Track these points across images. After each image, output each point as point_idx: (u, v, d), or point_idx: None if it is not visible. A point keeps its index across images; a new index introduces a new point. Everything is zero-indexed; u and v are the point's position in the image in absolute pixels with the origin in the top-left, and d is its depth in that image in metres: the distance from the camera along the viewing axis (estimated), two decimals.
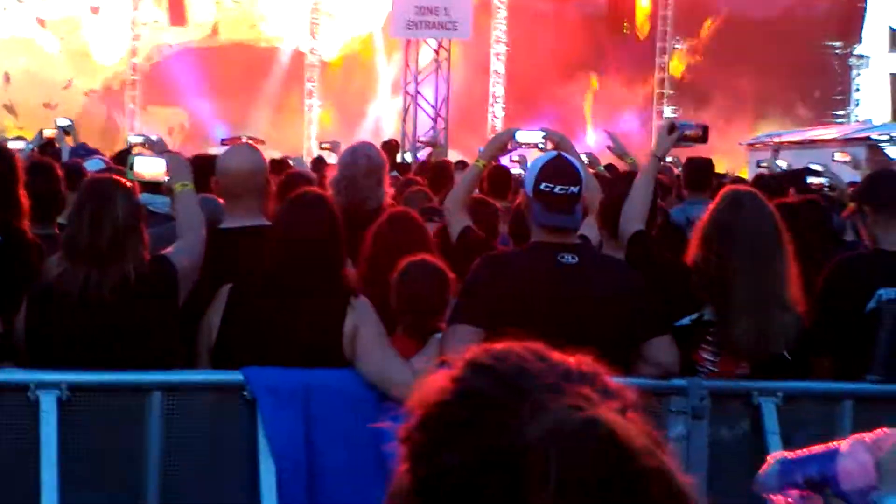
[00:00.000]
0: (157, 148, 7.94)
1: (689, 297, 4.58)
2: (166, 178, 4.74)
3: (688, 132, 5.34)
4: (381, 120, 30.13)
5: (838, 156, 11.32)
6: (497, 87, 31.13)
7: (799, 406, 4.65)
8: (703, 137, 5.41)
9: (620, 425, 1.25)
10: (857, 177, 9.49)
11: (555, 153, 4.68)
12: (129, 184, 4.49)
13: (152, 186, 5.42)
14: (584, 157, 8.49)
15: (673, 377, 4.50)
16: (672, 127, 5.37)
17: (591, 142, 27.04)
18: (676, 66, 29.87)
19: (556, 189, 4.39)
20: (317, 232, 4.46)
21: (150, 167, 4.76)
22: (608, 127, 19.19)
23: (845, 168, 10.87)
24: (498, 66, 31.07)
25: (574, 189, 4.41)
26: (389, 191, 6.43)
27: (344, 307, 4.39)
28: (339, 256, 4.54)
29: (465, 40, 25.92)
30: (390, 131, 24.71)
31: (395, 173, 10.19)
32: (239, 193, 4.95)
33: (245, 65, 30.33)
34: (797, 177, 8.88)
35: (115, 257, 4.26)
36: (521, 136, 5.82)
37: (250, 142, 8.68)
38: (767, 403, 4.52)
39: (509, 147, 6.03)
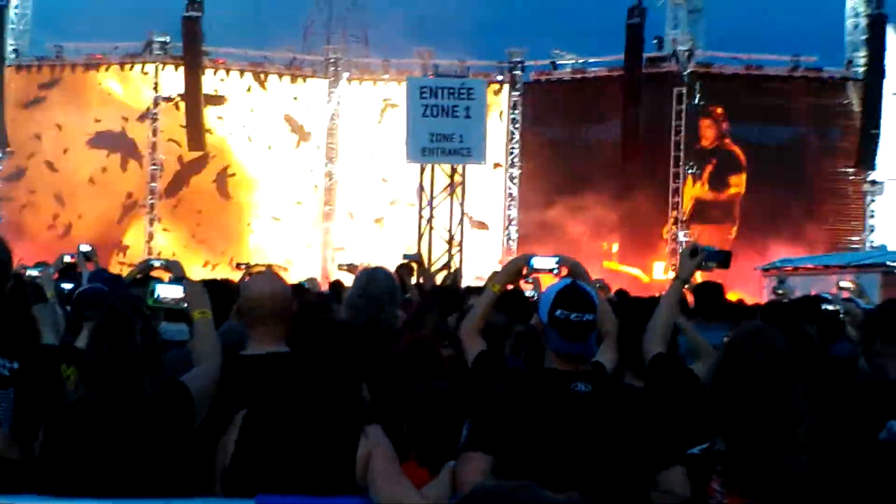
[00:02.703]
0: (175, 272, 8.00)
1: (704, 425, 4.57)
2: (185, 306, 4.80)
3: (710, 260, 5.37)
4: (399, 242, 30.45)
5: (843, 283, 11.38)
6: (512, 210, 31.42)
7: None
8: (724, 262, 5.45)
9: None
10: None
11: (570, 280, 4.72)
12: (147, 311, 4.55)
13: (171, 313, 5.48)
14: (596, 283, 8.56)
15: None
16: (695, 251, 5.41)
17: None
18: (689, 190, 30.06)
19: (572, 316, 4.43)
20: (332, 359, 4.49)
21: (169, 294, 4.83)
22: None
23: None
24: (513, 189, 31.40)
25: (589, 317, 4.45)
26: (402, 314, 6.49)
27: (357, 434, 4.40)
28: (354, 383, 4.57)
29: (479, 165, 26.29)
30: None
31: (408, 296, 10.24)
32: (262, 320, 4.99)
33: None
34: (812, 304, 8.89)
35: (133, 383, 4.30)
36: (536, 262, 5.87)
37: (273, 268, 8.76)
38: None
39: (524, 272, 6.08)
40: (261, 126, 30.75)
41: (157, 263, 8.34)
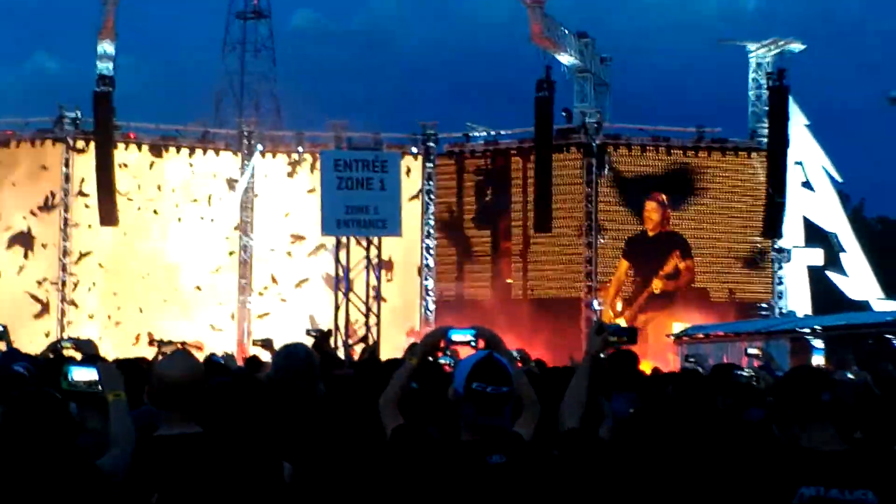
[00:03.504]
0: (86, 351, 7.89)
1: (614, 494, 4.64)
2: (99, 389, 4.75)
3: (615, 335, 5.49)
4: (314, 315, 30.27)
5: (751, 350, 11.66)
6: (429, 281, 31.53)
7: None
8: (632, 338, 5.57)
9: None
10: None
11: (486, 352, 4.78)
12: (59, 397, 4.49)
13: (83, 396, 5.40)
14: (515, 353, 8.63)
15: None
16: (600, 328, 5.53)
17: None
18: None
19: (489, 389, 4.49)
20: (247, 439, 4.47)
21: (83, 377, 4.77)
22: None
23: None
24: (429, 260, 31.54)
25: (505, 389, 4.52)
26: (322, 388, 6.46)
27: None
28: (271, 462, 4.55)
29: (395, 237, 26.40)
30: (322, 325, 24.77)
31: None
32: (173, 401, 4.94)
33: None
34: (725, 374, 9.05)
35: (47, 472, 4.23)
36: (454, 334, 5.92)
37: (187, 346, 8.67)
38: None
39: (442, 345, 6.12)
40: (174, 198, 30.57)
41: (67, 343, 8.23)
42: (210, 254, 30.74)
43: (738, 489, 4.87)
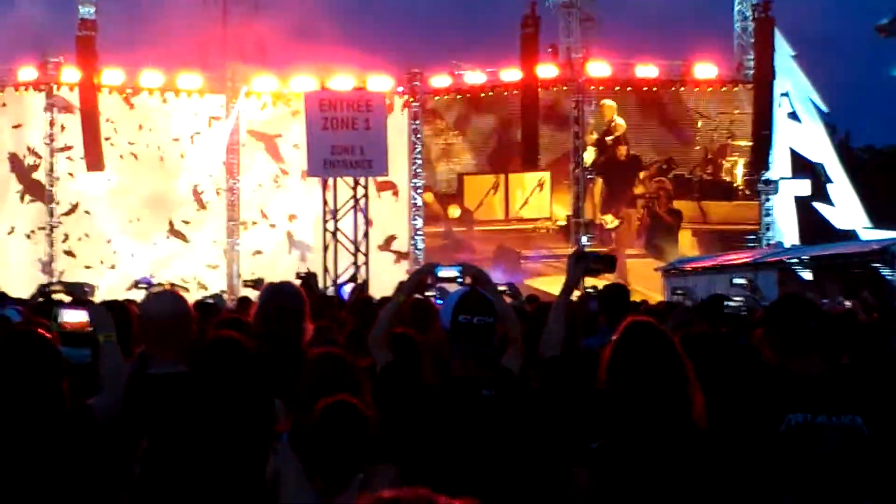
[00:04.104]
0: (76, 295, 7.92)
1: (601, 422, 4.70)
2: (90, 330, 4.76)
3: (595, 264, 5.55)
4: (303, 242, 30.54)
5: (737, 279, 11.78)
6: (417, 221, 31.54)
7: None
8: (610, 265, 5.63)
9: None
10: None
11: (468, 287, 4.85)
12: (50, 336, 4.51)
13: (73, 338, 5.41)
14: (505, 288, 8.68)
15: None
16: (581, 256, 5.58)
17: None
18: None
19: (474, 320, 4.57)
20: (234, 378, 4.50)
21: (73, 319, 4.79)
22: None
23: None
24: (417, 199, 31.52)
25: (489, 319, 4.60)
26: (310, 326, 6.49)
27: (266, 451, 4.42)
28: (261, 400, 4.58)
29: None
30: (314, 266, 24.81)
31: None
32: (160, 340, 4.94)
33: None
34: (714, 306, 9.11)
35: (38, 410, 4.26)
36: (440, 271, 5.96)
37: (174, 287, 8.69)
38: None
39: (429, 282, 6.17)
40: (157, 140, 30.47)
41: (57, 286, 8.26)
42: (196, 194, 30.70)
43: (727, 417, 4.93)
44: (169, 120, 30.60)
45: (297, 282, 11.56)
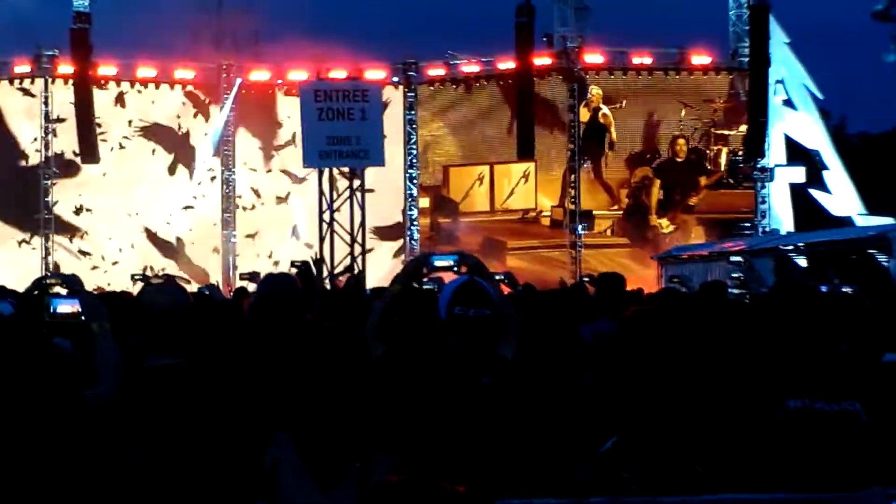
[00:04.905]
0: (71, 286, 7.87)
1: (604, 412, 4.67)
2: (82, 319, 4.74)
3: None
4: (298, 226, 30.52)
5: (734, 258, 11.86)
6: (413, 211, 31.49)
7: None
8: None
9: None
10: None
11: (467, 277, 4.81)
12: (43, 330, 4.50)
13: (63, 328, 5.38)
14: (502, 277, 8.64)
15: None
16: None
17: None
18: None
19: (470, 312, 4.52)
20: (233, 368, 4.49)
21: (66, 308, 4.77)
22: None
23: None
24: (413, 189, 31.47)
25: (486, 311, 4.54)
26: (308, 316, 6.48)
27: (264, 441, 4.40)
28: (259, 390, 4.56)
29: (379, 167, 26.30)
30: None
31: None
32: (162, 332, 4.91)
33: None
34: (715, 293, 9.06)
35: (33, 404, 4.24)
36: (435, 261, 5.92)
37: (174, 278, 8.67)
38: None
39: (424, 271, 6.13)
40: (149, 132, 30.41)
41: (53, 279, 8.20)
42: (192, 186, 30.67)
43: (726, 403, 4.92)
44: (163, 112, 30.52)
45: (293, 271, 11.56)
